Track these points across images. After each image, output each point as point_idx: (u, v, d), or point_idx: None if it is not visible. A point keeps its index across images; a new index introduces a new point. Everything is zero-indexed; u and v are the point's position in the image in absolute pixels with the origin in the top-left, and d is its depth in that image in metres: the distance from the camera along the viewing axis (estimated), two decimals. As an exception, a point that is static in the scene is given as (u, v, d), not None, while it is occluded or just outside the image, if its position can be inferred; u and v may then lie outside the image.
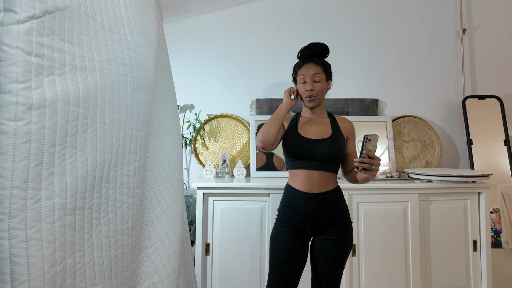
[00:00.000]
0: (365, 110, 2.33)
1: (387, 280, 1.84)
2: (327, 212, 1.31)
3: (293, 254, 1.31)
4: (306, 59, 1.41)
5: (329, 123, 1.42)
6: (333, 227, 1.32)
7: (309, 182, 1.31)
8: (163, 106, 1.11)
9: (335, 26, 2.41)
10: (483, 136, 2.25)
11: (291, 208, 1.33)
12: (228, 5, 2.38)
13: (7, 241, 0.59)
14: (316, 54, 1.41)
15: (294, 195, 1.33)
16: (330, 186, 1.34)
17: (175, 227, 1.06)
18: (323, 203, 1.31)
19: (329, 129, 1.39)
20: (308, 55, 1.41)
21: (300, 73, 1.40)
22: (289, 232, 1.33)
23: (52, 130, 0.66)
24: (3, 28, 0.61)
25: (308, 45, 1.42)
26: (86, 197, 0.74)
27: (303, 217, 1.31)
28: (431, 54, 2.42)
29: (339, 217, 1.33)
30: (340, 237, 1.31)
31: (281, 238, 1.33)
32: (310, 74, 1.37)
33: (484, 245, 1.88)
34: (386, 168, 2.19)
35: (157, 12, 1.17)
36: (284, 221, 1.35)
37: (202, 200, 1.84)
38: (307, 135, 1.36)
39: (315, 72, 1.37)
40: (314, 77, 1.36)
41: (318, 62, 1.39)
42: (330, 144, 1.33)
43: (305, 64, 1.40)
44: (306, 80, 1.37)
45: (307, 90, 1.36)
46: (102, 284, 0.79)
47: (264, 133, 1.32)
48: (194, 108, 2.37)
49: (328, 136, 1.36)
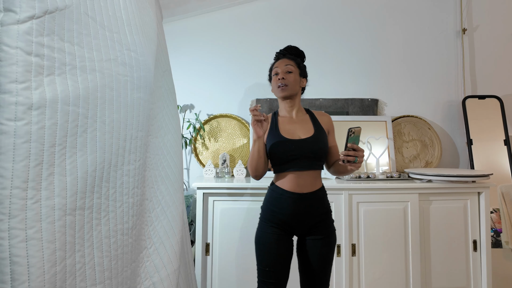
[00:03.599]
0: (365, 110, 2.33)
1: (387, 280, 1.84)
2: (316, 211, 1.31)
3: (283, 254, 1.30)
4: (280, 56, 1.45)
5: (309, 119, 1.41)
6: (320, 226, 1.31)
7: (298, 183, 1.30)
8: (163, 106, 1.11)
9: (335, 26, 2.41)
10: (483, 136, 2.25)
11: (279, 208, 1.30)
12: (228, 5, 2.38)
13: (7, 241, 0.59)
14: (289, 52, 1.45)
15: (282, 195, 1.30)
16: (318, 185, 1.33)
17: (175, 227, 1.06)
18: (312, 203, 1.30)
19: (311, 126, 1.38)
20: (282, 53, 1.46)
21: (274, 68, 1.42)
22: (277, 231, 1.31)
23: (52, 130, 0.66)
24: (3, 28, 0.61)
25: (285, 47, 1.48)
26: (86, 197, 0.74)
27: (292, 217, 1.29)
28: (431, 54, 2.42)
29: (325, 215, 1.33)
30: (327, 235, 1.32)
31: (269, 239, 1.30)
32: (282, 66, 1.39)
33: (484, 245, 1.88)
34: (386, 168, 2.19)
35: (157, 12, 1.17)
36: (270, 220, 1.32)
37: (202, 200, 1.84)
38: (291, 136, 1.34)
39: (287, 64, 1.39)
40: (286, 68, 1.38)
41: (291, 58, 1.42)
42: (316, 142, 1.32)
43: (278, 60, 1.43)
44: (278, 72, 1.39)
45: (279, 79, 1.37)
46: (102, 284, 0.79)
47: (254, 169, 1.32)
48: (194, 108, 2.37)
49: (312, 134, 1.35)
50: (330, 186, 1.85)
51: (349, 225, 1.84)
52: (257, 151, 1.28)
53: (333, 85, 2.39)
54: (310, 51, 2.37)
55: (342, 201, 1.85)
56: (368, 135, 2.21)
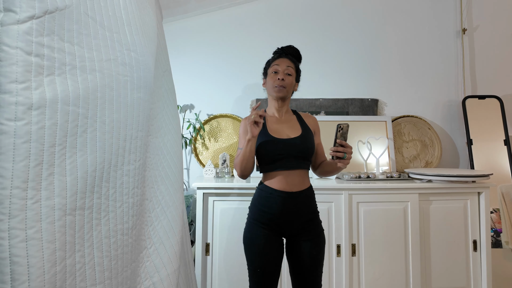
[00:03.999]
0: (365, 110, 2.33)
1: (387, 280, 1.84)
2: (305, 210, 1.31)
3: (274, 254, 1.29)
4: (282, 54, 1.42)
5: (296, 120, 1.42)
6: (308, 226, 1.31)
7: (287, 182, 1.29)
8: (163, 106, 1.11)
9: (335, 26, 2.41)
10: (483, 136, 2.25)
11: (268, 208, 1.30)
12: (228, 5, 2.38)
13: (7, 241, 0.59)
14: (291, 53, 1.43)
15: (272, 194, 1.30)
16: (306, 184, 1.33)
17: (175, 227, 1.06)
18: (301, 201, 1.30)
19: (298, 127, 1.38)
20: (285, 52, 1.44)
21: (273, 64, 1.40)
22: (266, 232, 1.30)
23: (52, 130, 0.66)
24: (3, 28, 0.61)
25: (287, 46, 1.46)
26: (86, 197, 0.74)
27: (281, 216, 1.28)
28: (431, 54, 2.42)
29: (313, 215, 1.33)
30: (316, 235, 1.31)
31: (260, 240, 1.29)
32: (284, 66, 1.37)
33: (484, 245, 1.88)
34: (386, 168, 2.19)
35: (157, 12, 1.17)
36: (258, 221, 1.31)
37: (202, 200, 1.84)
38: (279, 136, 1.34)
39: (289, 65, 1.38)
40: (287, 70, 1.37)
41: (293, 60, 1.41)
42: (303, 142, 1.33)
43: (280, 58, 1.40)
44: (278, 70, 1.37)
45: (279, 79, 1.35)
46: (102, 284, 0.79)
47: (243, 169, 1.30)
48: (194, 108, 2.37)
49: (299, 134, 1.35)
50: (330, 186, 1.85)
51: (349, 225, 1.84)
52: (249, 150, 1.27)
53: (333, 85, 2.39)
54: (310, 51, 2.37)
55: (342, 201, 1.85)
56: (368, 135, 2.21)
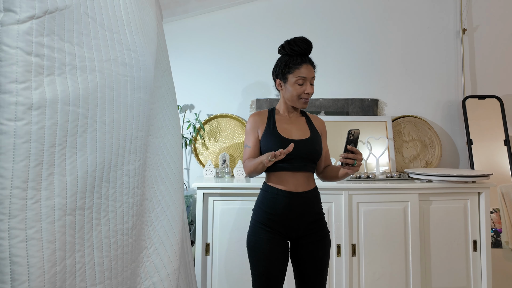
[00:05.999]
0: (365, 110, 2.33)
1: (387, 280, 1.84)
2: (311, 211, 1.29)
3: (279, 258, 1.27)
4: (304, 59, 1.33)
5: (305, 121, 1.40)
6: (314, 228, 1.30)
7: (293, 182, 1.28)
8: (163, 106, 1.11)
9: (335, 26, 2.41)
10: (483, 136, 2.25)
11: (273, 209, 1.27)
12: (228, 5, 2.38)
13: (7, 241, 0.59)
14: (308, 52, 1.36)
15: (277, 194, 1.28)
16: (312, 185, 1.33)
17: (175, 227, 1.06)
18: (307, 202, 1.29)
19: (307, 128, 1.37)
20: (303, 53, 1.34)
21: (299, 73, 1.30)
22: (271, 235, 1.27)
23: (52, 130, 0.66)
24: (3, 28, 0.61)
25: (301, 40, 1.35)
26: (86, 197, 0.74)
27: (287, 218, 1.26)
28: (431, 54, 2.42)
29: (319, 216, 1.32)
30: (322, 237, 1.30)
31: (264, 244, 1.25)
32: (310, 77, 1.32)
33: (484, 245, 1.88)
34: (386, 168, 2.19)
35: (157, 12, 1.17)
36: (263, 223, 1.28)
37: (202, 200, 1.84)
38: (288, 136, 1.32)
39: (313, 75, 1.34)
40: (312, 80, 1.34)
41: (313, 65, 1.36)
42: (312, 144, 1.31)
43: (304, 64, 1.31)
44: (305, 81, 1.31)
45: (306, 93, 1.31)
46: (102, 284, 0.79)
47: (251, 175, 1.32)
48: (194, 108, 2.37)
49: (308, 136, 1.34)
50: (330, 186, 1.85)
51: (349, 225, 1.84)
52: (261, 168, 1.26)
53: (333, 85, 2.39)
54: (310, 51, 2.37)
55: (342, 201, 1.85)
56: (368, 135, 2.21)
